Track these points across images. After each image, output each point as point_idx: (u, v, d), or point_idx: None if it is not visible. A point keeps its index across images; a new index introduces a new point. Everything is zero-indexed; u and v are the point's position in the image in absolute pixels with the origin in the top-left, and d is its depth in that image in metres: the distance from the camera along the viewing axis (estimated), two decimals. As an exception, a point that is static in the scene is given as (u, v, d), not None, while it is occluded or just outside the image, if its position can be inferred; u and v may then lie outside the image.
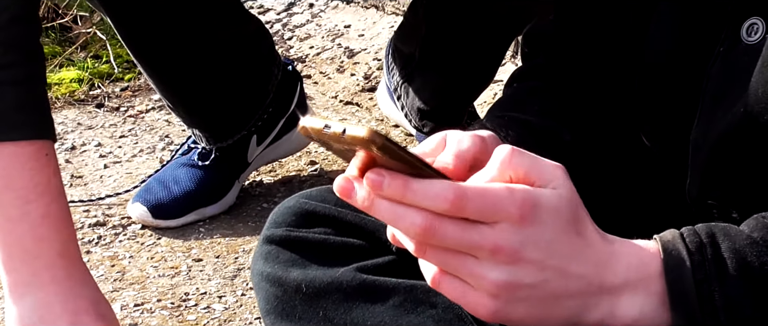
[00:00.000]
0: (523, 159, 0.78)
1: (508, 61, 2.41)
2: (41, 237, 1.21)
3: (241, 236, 1.95)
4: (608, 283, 0.79)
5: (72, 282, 1.22)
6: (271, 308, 1.04)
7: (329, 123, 0.73)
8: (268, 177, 2.15)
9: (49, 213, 1.22)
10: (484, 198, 0.75)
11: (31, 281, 1.20)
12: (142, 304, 1.76)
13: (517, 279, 0.77)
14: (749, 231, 0.80)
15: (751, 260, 0.78)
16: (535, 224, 0.76)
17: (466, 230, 0.76)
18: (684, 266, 0.79)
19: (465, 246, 0.76)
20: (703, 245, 0.79)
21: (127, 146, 2.31)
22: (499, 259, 0.76)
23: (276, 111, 2.02)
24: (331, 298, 1.00)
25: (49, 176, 1.23)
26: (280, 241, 1.05)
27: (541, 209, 0.76)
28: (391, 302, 0.99)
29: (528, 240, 0.76)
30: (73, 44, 2.77)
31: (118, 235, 1.97)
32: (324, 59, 2.65)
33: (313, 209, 1.06)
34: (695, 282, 0.78)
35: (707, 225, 0.81)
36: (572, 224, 0.78)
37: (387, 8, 2.77)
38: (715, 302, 0.78)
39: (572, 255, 0.78)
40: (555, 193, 0.77)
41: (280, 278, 1.03)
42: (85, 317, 1.21)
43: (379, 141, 0.72)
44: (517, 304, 0.78)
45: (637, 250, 0.80)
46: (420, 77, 2.07)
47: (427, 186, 0.75)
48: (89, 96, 2.55)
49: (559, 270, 0.78)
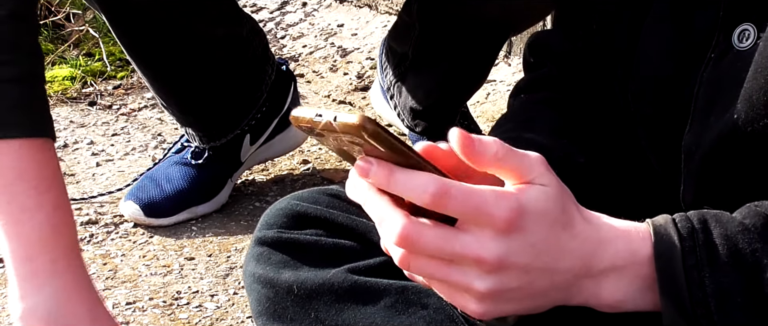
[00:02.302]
0: (509, 154, 0.77)
1: (501, 61, 2.42)
2: (57, 225, 1.22)
3: (233, 235, 1.95)
4: (594, 269, 0.80)
5: (83, 272, 1.25)
6: (263, 309, 1.04)
7: (320, 111, 0.73)
8: (261, 176, 2.15)
9: (60, 203, 1.24)
10: (468, 198, 0.75)
11: (51, 268, 1.22)
12: (134, 303, 1.76)
13: (503, 285, 0.77)
14: (741, 218, 0.80)
15: (743, 247, 0.78)
16: (520, 231, 0.77)
17: (447, 240, 0.76)
18: (674, 251, 0.79)
19: (446, 255, 0.77)
20: (694, 231, 0.79)
21: (120, 144, 2.31)
22: (482, 269, 0.77)
23: (269, 110, 2.02)
24: (323, 300, 1.00)
25: (55, 169, 1.25)
26: (271, 243, 1.05)
27: (528, 216, 0.77)
28: (383, 303, 0.99)
29: (512, 248, 0.77)
30: (65, 42, 2.77)
31: (111, 233, 1.97)
32: (317, 58, 2.65)
33: (304, 210, 1.06)
34: (686, 268, 0.78)
35: (699, 212, 0.81)
36: (559, 220, 0.78)
37: (380, 7, 2.77)
38: (705, 288, 0.78)
39: (558, 252, 0.78)
40: (542, 192, 0.77)
41: (271, 279, 1.03)
42: (101, 308, 1.24)
43: (370, 127, 0.71)
44: (505, 304, 0.79)
45: (626, 234, 0.80)
46: (413, 77, 2.07)
47: (411, 177, 0.75)
48: (82, 94, 2.54)
49: (545, 270, 0.78)
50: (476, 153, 0.77)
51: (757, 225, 0.79)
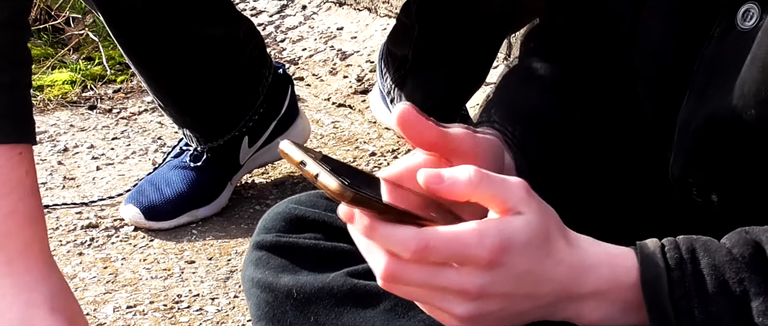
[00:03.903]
0: (489, 183, 0.78)
1: (501, 63, 2.42)
2: (5, 233, 1.22)
3: (233, 238, 1.95)
4: (576, 293, 0.81)
5: (30, 277, 1.23)
6: (262, 314, 1.03)
7: (306, 158, 0.75)
8: (261, 179, 2.15)
9: (15, 210, 1.23)
10: (450, 245, 0.76)
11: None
12: (135, 306, 1.77)
13: (483, 310, 0.79)
14: (730, 247, 0.80)
15: (730, 277, 0.79)
16: (503, 266, 0.78)
17: (431, 276, 0.78)
18: (661, 281, 0.79)
19: (430, 288, 0.78)
20: (683, 261, 0.80)
21: (120, 148, 2.31)
22: (465, 298, 0.78)
23: (267, 113, 2.03)
24: (322, 304, 1.00)
25: (21, 175, 1.24)
26: (270, 247, 1.05)
27: (512, 250, 0.77)
28: (382, 306, 0.99)
29: (495, 280, 0.78)
30: (65, 46, 2.77)
31: (111, 237, 1.97)
32: (316, 61, 2.66)
33: (303, 214, 1.06)
34: (673, 299, 0.79)
35: (688, 239, 0.81)
36: (542, 248, 0.79)
37: (380, 10, 2.77)
38: (694, 318, 0.78)
39: (541, 279, 0.79)
40: (524, 223, 0.78)
41: (270, 284, 1.03)
42: (38, 310, 1.21)
43: (348, 195, 0.73)
44: (486, 322, 0.81)
45: (610, 260, 0.81)
46: (412, 79, 2.07)
47: (391, 232, 0.77)
48: (82, 98, 2.55)
49: (527, 295, 0.80)
50: (447, 191, 0.78)
51: (745, 255, 0.79)
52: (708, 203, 0.92)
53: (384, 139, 2.27)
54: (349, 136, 2.30)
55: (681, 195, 0.95)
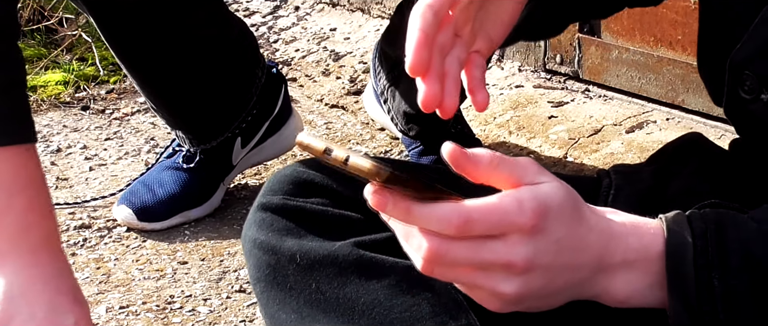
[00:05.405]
0: (505, 164, 0.77)
1: (494, 65, 2.42)
2: (26, 226, 1.24)
3: (226, 239, 1.95)
4: (607, 263, 0.80)
5: (53, 268, 1.25)
6: (263, 276, 1.01)
7: (330, 147, 0.73)
8: (254, 180, 2.15)
9: (32, 204, 1.25)
10: (491, 216, 0.75)
11: (16, 262, 1.23)
12: (128, 307, 1.76)
13: (528, 286, 0.78)
14: (758, 222, 0.80)
15: (756, 251, 0.78)
16: (545, 230, 0.77)
17: (477, 251, 0.76)
18: (686, 249, 0.78)
19: (476, 264, 0.77)
20: (708, 231, 0.79)
21: (113, 149, 2.30)
22: (511, 272, 0.77)
23: (260, 113, 2.03)
24: (326, 271, 0.98)
25: (32, 170, 1.27)
26: (275, 209, 1.03)
27: (550, 213, 0.77)
28: (387, 281, 0.97)
29: (539, 248, 0.77)
30: (58, 46, 2.77)
31: (104, 238, 1.97)
32: (310, 62, 2.65)
33: (311, 179, 1.04)
34: (696, 267, 0.78)
35: (717, 212, 0.81)
36: (575, 214, 0.79)
37: (373, 11, 2.77)
38: (714, 289, 0.78)
39: (577, 247, 0.79)
40: (553, 187, 0.77)
41: (274, 246, 1.01)
42: (64, 298, 1.23)
43: (384, 174, 0.71)
44: (524, 303, 0.79)
45: (638, 230, 0.80)
46: (406, 80, 2.07)
47: (431, 210, 0.75)
48: (75, 98, 2.54)
49: (566, 266, 0.79)
50: (470, 166, 0.77)
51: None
52: (755, 101, 0.90)
53: (377, 140, 2.27)
54: (341, 137, 2.30)
55: (728, 87, 0.93)
